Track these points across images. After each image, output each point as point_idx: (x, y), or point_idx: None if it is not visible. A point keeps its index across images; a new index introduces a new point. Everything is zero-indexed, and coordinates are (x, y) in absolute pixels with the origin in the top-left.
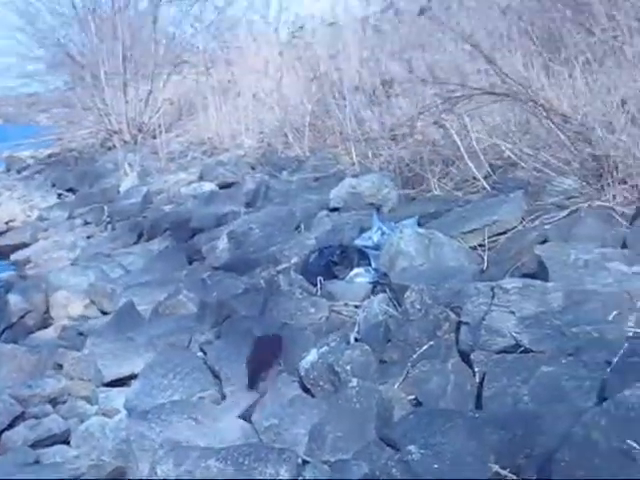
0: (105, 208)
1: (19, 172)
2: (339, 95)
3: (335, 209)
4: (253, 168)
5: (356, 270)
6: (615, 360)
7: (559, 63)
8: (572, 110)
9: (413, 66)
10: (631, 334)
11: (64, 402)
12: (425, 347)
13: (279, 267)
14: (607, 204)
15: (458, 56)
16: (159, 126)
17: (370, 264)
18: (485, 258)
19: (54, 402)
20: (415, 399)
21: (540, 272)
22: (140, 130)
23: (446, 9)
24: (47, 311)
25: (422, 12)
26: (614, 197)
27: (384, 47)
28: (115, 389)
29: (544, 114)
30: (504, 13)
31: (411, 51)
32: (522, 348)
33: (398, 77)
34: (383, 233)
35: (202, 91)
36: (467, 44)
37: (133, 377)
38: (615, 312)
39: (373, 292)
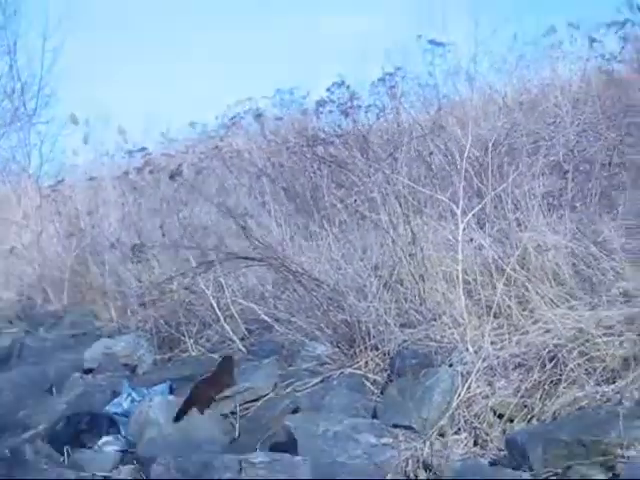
0: None
1: None
2: (98, 251)
3: (89, 370)
4: (11, 322)
5: (105, 438)
6: None
7: (316, 224)
8: (325, 275)
9: (169, 226)
10: None
11: None
12: None
13: (27, 434)
14: (359, 371)
15: (215, 217)
16: None
17: (120, 432)
18: (237, 427)
19: None
20: None
21: (290, 443)
22: None
23: (204, 169)
24: None
25: (172, 177)
26: (366, 364)
27: (142, 205)
28: None
29: (297, 279)
30: (258, 176)
31: (167, 210)
32: None
33: (153, 237)
34: (133, 400)
35: None
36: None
37: None
38: None
39: (122, 462)
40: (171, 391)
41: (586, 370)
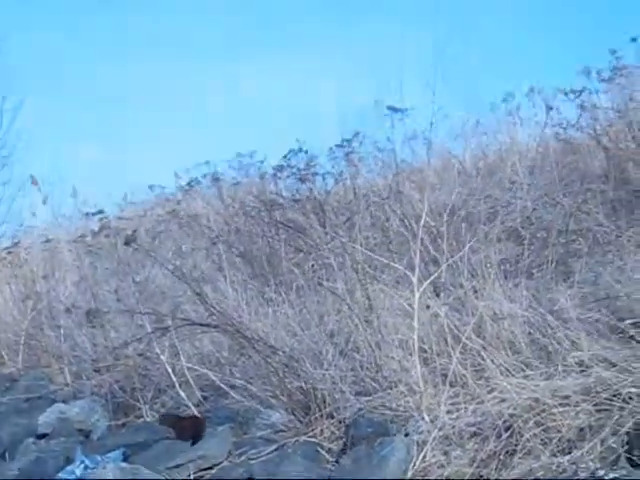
0: None
1: None
2: (53, 315)
3: (43, 435)
4: None
5: None
6: None
7: (272, 290)
8: (281, 341)
9: (125, 291)
10: None
11: None
12: None
13: None
14: (314, 439)
15: (171, 282)
16: None
17: None
18: None
19: None
20: None
21: None
22: None
23: (161, 232)
24: None
25: (127, 243)
26: (321, 432)
27: (98, 268)
28: None
29: (252, 345)
30: (214, 243)
31: (123, 274)
32: None
33: (109, 301)
34: (86, 467)
35: None
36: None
37: None
38: None
39: None
40: (125, 458)
41: (542, 440)
